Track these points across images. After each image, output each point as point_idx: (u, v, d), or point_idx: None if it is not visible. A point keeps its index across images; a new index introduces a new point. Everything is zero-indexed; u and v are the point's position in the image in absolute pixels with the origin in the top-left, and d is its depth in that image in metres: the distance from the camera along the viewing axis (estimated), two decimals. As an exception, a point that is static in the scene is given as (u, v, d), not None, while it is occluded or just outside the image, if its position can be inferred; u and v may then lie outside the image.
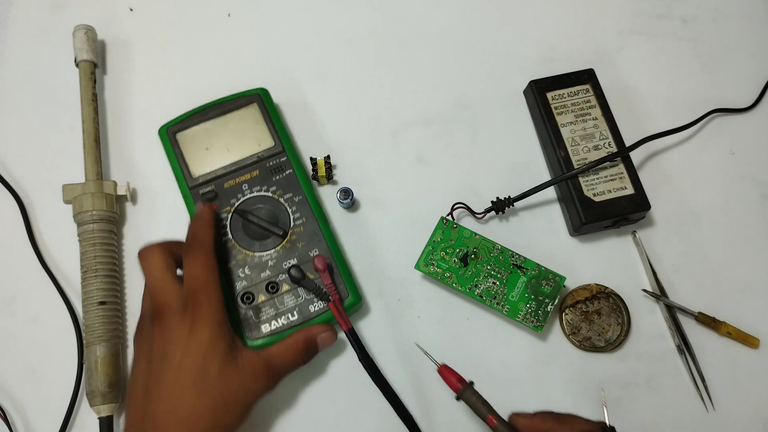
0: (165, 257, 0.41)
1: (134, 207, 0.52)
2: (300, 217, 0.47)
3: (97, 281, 0.47)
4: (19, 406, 0.47)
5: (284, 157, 0.49)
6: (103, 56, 0.57)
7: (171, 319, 0.39)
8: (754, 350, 0.48)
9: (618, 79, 0.56)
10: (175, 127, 0.50)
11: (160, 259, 0.41)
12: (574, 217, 0.49)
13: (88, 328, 0.46)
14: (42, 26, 0.57)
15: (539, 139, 0.54)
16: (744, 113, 0.55)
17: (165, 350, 0.38)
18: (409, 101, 0.55)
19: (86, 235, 0.48)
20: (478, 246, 0.47)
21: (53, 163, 0.53)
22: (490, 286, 0.46)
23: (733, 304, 0.49)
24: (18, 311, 0.49)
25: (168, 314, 0.39)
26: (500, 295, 0.46)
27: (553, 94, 0.52)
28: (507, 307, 0.46)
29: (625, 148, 0.49)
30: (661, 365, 0.48)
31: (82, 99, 0.52)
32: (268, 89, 0.52)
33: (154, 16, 0.58)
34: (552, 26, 0.58)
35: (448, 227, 0.48)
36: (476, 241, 0.47)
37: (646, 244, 0.51)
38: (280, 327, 0.45)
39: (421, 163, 0.53)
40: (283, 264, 0.46)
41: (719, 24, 0.59)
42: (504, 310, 0.46)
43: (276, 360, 0.41)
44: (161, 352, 0.38)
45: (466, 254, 0.47)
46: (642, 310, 0.49)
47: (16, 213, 0.51)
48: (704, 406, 0.47)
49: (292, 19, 0.58)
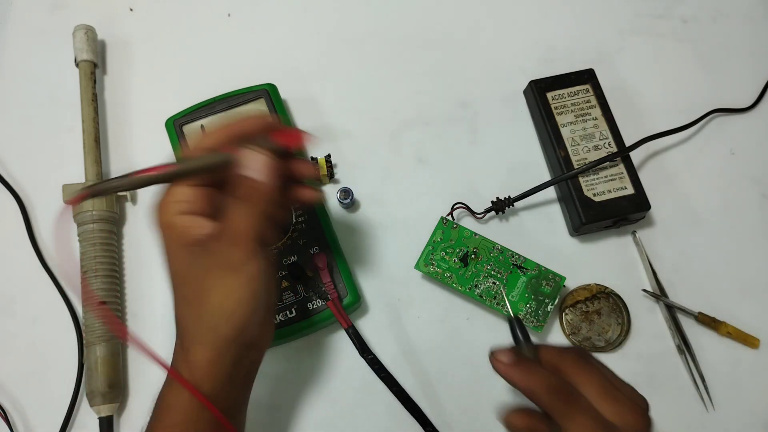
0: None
1: (134, 207, 0.52)
2: (302, 215, 0.47)
3: (97, 281, 0.47)
4: (19, 406, 0.47)
5: None
6: (103, 56, 0.57)
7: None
8: (754, 350, 0.48)
9: (618, 79, 0.56)
10: (181, 119, 0.50)
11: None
12: (574, 217, 0.49)
13: (88, 328, 0.46)
14: (42, 26, 0.58)
15: (539, 139, 0.54)
16: (744, 113, 0.55)
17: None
18: (409, 101, 0.55)
19: (86, 235, 0.48)
20: (478, 246, 0.47)
21: (53, 163, 0.53)
22: (490, 286, 0.46)
23: (733, 304, 0.49)
24: (18, 311, 0.49)
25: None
26: (500, 295, 0.46)
27: (553, 94, 0.52)
28: (507, 307, 0.46)
29: (625, 148, 0.49)
30: (661, 365, 0.48)
31: (82, 99, 0.52)
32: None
33: (154, 16, 0.58)
34: (552, 26, 0.58)
35: (448, 227, 0.48)
36: (476, 241, 0.47)
37: (646, 244, 0.51)
38: (277, 323, 0.45)
39: (421, 163, 0.53)
40: (283, 261, 0.46)
41: (719, 24, 0.59)
42: (504, 310, 0.46)
43: (225, 223, 0.33)
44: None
45: (466, 254, 0.47)
46: (642, 310, 0.49)
47: (16, 213, 0.51)
48: (704, 406, 0.47)
49: (292, 19, 0.58)
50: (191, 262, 0.33)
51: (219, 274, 0.32)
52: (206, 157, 0.33)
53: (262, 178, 0.32)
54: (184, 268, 0.33)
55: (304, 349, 0.48)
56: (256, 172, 0.32)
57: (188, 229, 0.33)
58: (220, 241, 0.32)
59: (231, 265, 0.32)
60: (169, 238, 0.33)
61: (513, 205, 0.50)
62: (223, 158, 0.33)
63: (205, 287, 0.33)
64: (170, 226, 0.33)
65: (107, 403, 0.45)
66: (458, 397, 0.47)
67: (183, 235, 0.33)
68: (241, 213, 0.32)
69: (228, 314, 0.33)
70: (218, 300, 0.33)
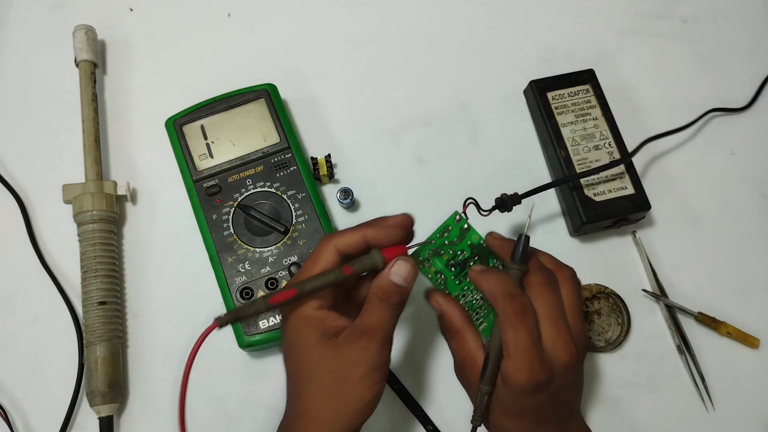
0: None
1: (134, 207, 0.52)
2: (302, 215, 0.47)
3: (97, 281, 0.47)
4: (19, 406, 0.47)
5: (289, 153, 0.49)
6: (103, 56, 0.57)
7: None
8: (754, 350, 0.48)
9: (618, 79, 0.56)
10: (181, 119, 0.50)
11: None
12: (575, 216, 0.49)
13: (88, 328, 0.46)
14: (42, 26, 0.57)
15: (539, 139, 0.54)
16: (742, 113, 0.55)
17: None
18: (409, 101, 0.55)
19: (86, 235, 0.48)
20: (481, 255, 0.42)
21: (53, 163, 0.53)
22: (475, 300, 0.42)
23: (733, 304, 0.49)
24: (18, 311, 0.49)
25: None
26: (483, 311, 0.42)
27: (554, 94, 0.52)
28: (484, 324, 0.43)
29: (627, 154, 0.49)
30: (661, 365, 0.48)
31: (82, 99, 0.52)
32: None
33: (154, 16, 0.58)
34: (552, 26, 0.58)
35: (459, 225, 0.42)
36: (482, 249, 0.42)
37: (646, 244, 0.51)
38: (277, 324, 0.45)
39: (421, 163, 0.53)
40: (283, 261, 0.46)
41: (719, 24, 0.59)
42: (480, 327, 0.42)
43: (364, 321, 0.36)
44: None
45: (466, 260, 0.42)
46: (642, 310, 0.49)
47: (16, 213, 0.51)
48: (704, 406, 0.47)
49: (292, 20, 0.58)
50: (332, 356, 0.35)
51: (362, 369, 0.35)
52: (358, 261, 0.36)
53: (405, 285, 0.36)
54: (324, 360, 0.35)
55: (304, 349, 0.48)
56: (402, 278, 0.36)
57: (326, 321, 0.35)
58: (359, 336, 0.35)
59: (372, 360, 0.35)
60: (309, 330, 0.35)
61: (520, 203, 0.47)
62: (372, 263, 0.36)
63: (350, 380, 0.35)
64: (311, 318, 0.35)
65: (107, 403, 0.45)
66: (458, 396, 0.47)
67: (323, 327, 0.35)
68: (377, 311, 0.36)
69: (365, 406, 0.35)
70: (360, 393, 0.35)
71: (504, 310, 0.35)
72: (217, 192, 0.48)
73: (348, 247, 0.36)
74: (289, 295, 0.34)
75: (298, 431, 0.36)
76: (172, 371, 0.47)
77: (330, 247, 0.36)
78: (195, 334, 0.48)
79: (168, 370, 0.47)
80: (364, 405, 0.35)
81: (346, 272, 0.36)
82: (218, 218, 0.47)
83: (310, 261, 0.37)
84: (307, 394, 0.36)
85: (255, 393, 0.47)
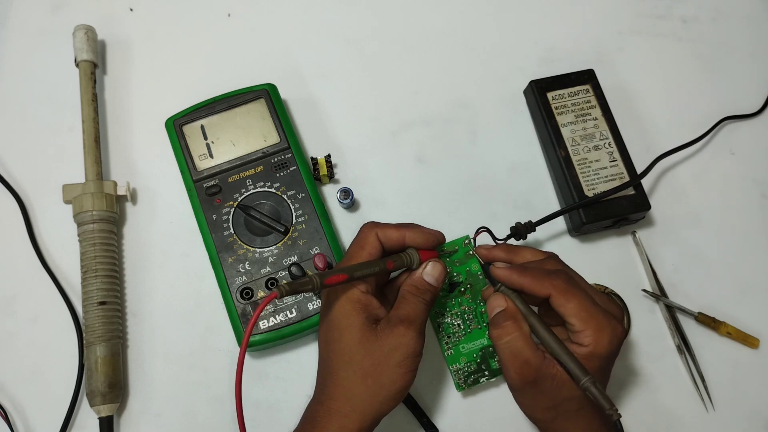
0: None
1: (134, 207, 0.52)
2: (302, 215, 0.47)
3: (97, 281, 0.47)
4: (19, 406, 0.47)
5: (289, 153, 0.49)
6: (103, 56, 0.57)
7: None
8: (754, 350, 0.48)
9: (618, 79, 0.56)
10: (181, 119, 0.50)
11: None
12: (575, 216, 0.49)
13: (88, 328, 0.46)
14: (42, 26, 0.57)
15: (539, 139, 0.54)
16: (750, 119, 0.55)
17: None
18: (409, 101, 0.55)
19: (86, 235, 0.48)
20: (474, 284, 0.44)
21: (53, 163, 0.53)
22: (452, 324, 0.44)
23: (733, 304, 0.49)
24: (18, 311, 0.49)
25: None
26: (454, 338, 0.43)
27: (554, 94, 0.52)
28: (451, 351, 0.43)
29: (637, 175, 0.48)
30: (661, 365, 0.48)
31: (82, 99, 0.52)
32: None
33: (154, 16, 0.58)
34: (552, 26, 0.58)
35: (466, 249, 0.44)
36: (477, 279, 0.44)
37: (646, 244, 0.51)
38: (278, 324, 0.45)
39: (421, 163, 0.53)
40: (283, 261, 0.46)
41: (719, 24, 0.59)
42: (447, 353, 0.43)
43: (401, 311, 0.39)
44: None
45: (459, 284, 0.44)
46: (642, 310, 0.49)
47: (16, 213, 0.51)
48: (704, 406, 0.47)
49: (292, 20, 0.58)
50: (373, 339, 0.37)
51: (400, 355, 0.37)
52: (398, 257, 0.40)
53: (436, 284, 0.40)
54: (366, 342, 0.37)
55: (304, 349, 0.48)
56: (434, 278, 0.40)
57: (369, 306, 0.38)
58: (397, 323, 0.37)
59: (409, 347, 0.37)
60: (356, 312, 0.38)
61: (534, 230, 0.47)
62: (409, 261, 0.40)
63: (388, 364, 0.37)
64: (358, 301, 0.38)
65: (107, 403, 0.45)
66: (458, 396, 0.47)
67: (367, 311, 0.38)
68: (412, 304, 0.39)
69: (397, 392, 0.37)
70: (395, 377, 0.37)
71: (555, 284, 0.37)
72: (217, 192, 0.48)
73: (388, 240, 0.40)
74: (342, 278, 0.36)
75: (331, 411, 0.37)
76: (172, 371, 0.47)
77: (374, 235, 0.39)
78: (195, 334, 0.48)
79: (168, 370, 0.47)
80: (396, 390, 0.37)
81: (389, 266, 0.39)
82: (218, 218, 0.47)
83: (357, 245, 0.40)
84: (345, 375, 0.37)
85: (255, 393, 0.47)
